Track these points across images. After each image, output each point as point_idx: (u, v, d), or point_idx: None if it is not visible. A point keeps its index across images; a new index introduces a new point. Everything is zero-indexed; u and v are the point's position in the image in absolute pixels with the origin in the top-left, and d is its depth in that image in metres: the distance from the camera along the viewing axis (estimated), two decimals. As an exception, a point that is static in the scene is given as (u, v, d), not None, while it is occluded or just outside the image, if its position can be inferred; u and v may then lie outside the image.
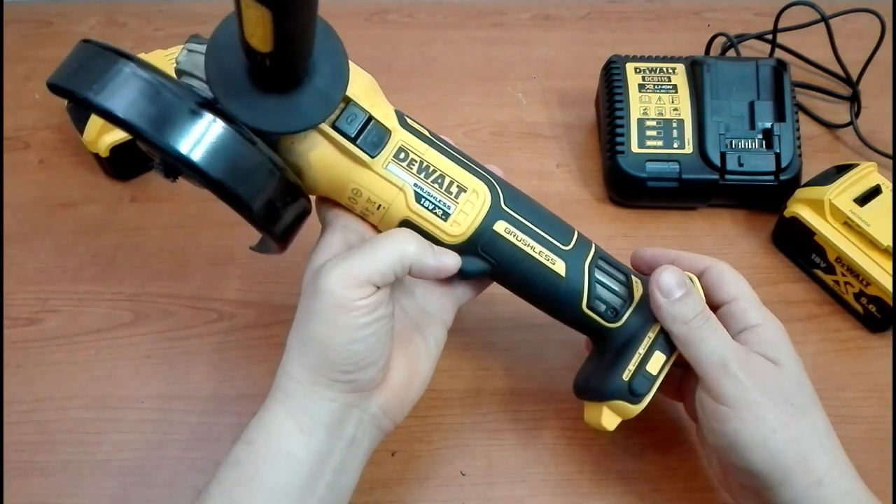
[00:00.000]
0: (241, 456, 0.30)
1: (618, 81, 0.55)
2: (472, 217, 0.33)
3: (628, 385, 0.34)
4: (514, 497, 0.40)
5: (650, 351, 0.35)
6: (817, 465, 0.31)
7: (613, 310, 0.36)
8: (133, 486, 0.40)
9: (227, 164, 0.28)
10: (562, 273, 0.35)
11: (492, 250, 0.34)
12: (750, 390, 0.31)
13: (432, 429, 0.42)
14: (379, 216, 0.33)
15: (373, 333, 0.30)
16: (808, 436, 0.32)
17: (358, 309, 0.29)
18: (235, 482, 0.30)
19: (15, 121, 0.60)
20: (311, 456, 0.30)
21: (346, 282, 0.29)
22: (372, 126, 0.32)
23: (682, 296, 0.33)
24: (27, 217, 0.53)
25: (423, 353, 0.34)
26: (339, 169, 0.32)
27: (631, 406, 0.34)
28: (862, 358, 0.47)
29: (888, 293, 0.45)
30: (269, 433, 0.30)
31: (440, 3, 0.75)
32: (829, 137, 0.62)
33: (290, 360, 0.31)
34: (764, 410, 0.31)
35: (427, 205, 0.33)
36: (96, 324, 0.47)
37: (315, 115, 0.30)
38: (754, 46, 0.70)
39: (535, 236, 0.35)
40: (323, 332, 0.29)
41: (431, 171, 0.33)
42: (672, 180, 0.52)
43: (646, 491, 0.40)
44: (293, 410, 0.30)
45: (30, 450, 0.41)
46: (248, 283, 0.49)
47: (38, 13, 0.71)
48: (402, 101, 0.36)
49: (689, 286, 0.34)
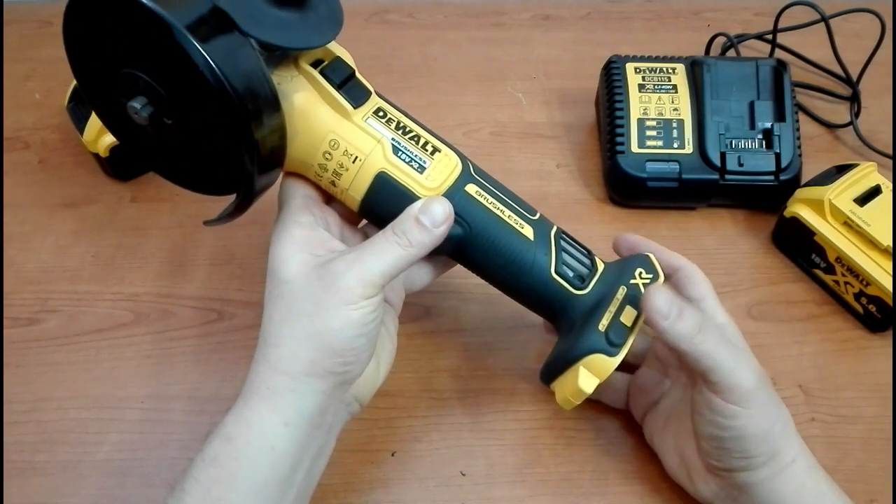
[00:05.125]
0: (219, 453, 0.30)
1: (618, 81, 0.55)
2: (445, 174, 0.34)
3: (605, 335, 0.34)
4: (514, 497, 0.40)
5: (622, 306, 0.35)
6: (793, 445, 0.35)
7: (580, 277, 0.36)
8: (133, 486, 0.40)
9: (243, 79, 0.28)
10: (530, 237, 0.36)
11: (465, 211, 0.35)
12: (759, 390, 0.33)
13: (432, 429, 0.42)
14: (353, 172, 0.33)
15: (374, 328, 0.32)
16: (786, 420, 0.35)
17: (367, 306, 0.31)
18: (215, 480, 0.30)
19: (15, 121, 0.60)
20: (293, 448, 0.31)
21: (363, 282, 0.31)
22: (355, 81, 0.33)
23: (678, 313, 0.33)
24: (27, 217, 0.53)
25: (385, 338, 0.36)
26: (319, 116, 0.33)
27: (609, 359, 0.34)
28: (862, 358, 0.47)
29: (888, 293, 0.45)
30: (252, 429, 0.30)
31: (440, 3, 0.75)
32: (829, 137, 0.62)
33: (281, 354, 0.31)
34: (770, 406, 0.34)
35: (404, 157, 0.34)
36: (96, 324, 0.47)
37: (321, 37, 0.31)
38: (754, 46, 0.70)
39: (503, 202, 0.36)
40: (334, 326, 0.30)
41: (408, 129, 0.34)
42: (672, 180, 0.52)
43: (646, 491, 0.40)
44: (278, 405, 0.31)
45: (30, 450, 0.41)
46: (248, 283, 0.49)
47: (38, 13, 0.71)
48: (402, 101, 0.36)
49: (681, 304, 0.33)
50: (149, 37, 0.27)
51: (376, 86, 0.35)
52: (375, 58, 0.68)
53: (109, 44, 0.29)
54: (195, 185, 0.34)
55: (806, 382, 0.45)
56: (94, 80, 0.32)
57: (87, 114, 0.52)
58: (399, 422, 0.42)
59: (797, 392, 0.45)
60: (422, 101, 0.63)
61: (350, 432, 0.37)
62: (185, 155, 0.32)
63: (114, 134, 0.34)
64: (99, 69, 0.31)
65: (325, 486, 0.37)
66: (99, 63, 0.30)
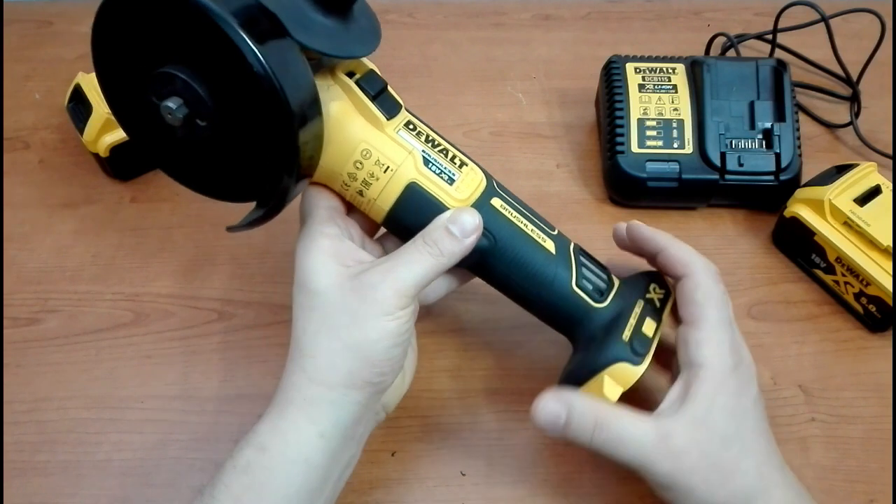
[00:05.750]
0: (252, 462, 0.30)
1: (618, 81, 0.55)
2: (473, 187, 0.35)
3: (629, 345, 0.34)
4: (514, 497, 0.40)
5: (641, 318, 0.36)
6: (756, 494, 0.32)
7: (599, 290, 0.36)
8: (133, 486, 0.40)
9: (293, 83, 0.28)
10: (552, 251, 0.36)
11: (491, 224, 0.35)
12: (671, 475, 0.31)
13: (432, 429, 0.42)
14: (383, 182, 0.34)
15: (408, 339, 0.32)
16: (739, 491, 0.32)
17: (402, 316, 0.31)
18: (247, 488, 0.30)
19: (15, 121, 0.60)
20: (326, 460, 0.31)
21: (398, 293, 0.31)
22: (387, 94, 0.34)
23: (565, 423, 0.32)
24: (27, 217, 0.53)
25: (409, 350, 0.36)
26: (354, 126, 0.33)
27: (633, 367, 0.34)
28: (862, 358, 0.47)
29: (888, 293, 0.45)
30: (287, 440, 0.30)
31: (440, 3, 0.75)
32: (829, 137, 0.62)
33: (318, 364, 0.31)
34: (690, 488, 0.31)
35: (434, 169, 0.34)
36: (96, 324, 0.47)
37: (364, 48, 0.32)
38: (754, 46, 0.70)
39: (526, 217, 0.37)
40: (371, 338, 0.31)
41: (437, 143, 0.35)
42: (672, 180, 0.52)
43: (646, 491, 0.40)
44: (315, 417, 0.31)
45: (30, 450, 0.41)
46: (248, 283, 0.49)
47: (38, 13, 0.71)
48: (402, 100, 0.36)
49: (563, 415, 0.33)
50: (199, 35, 0.27)
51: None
52: (375, 58, 0.67)
53: (148, 42, 0.29)
54: (212, 189, 0.34)
55: (806, 382, 0.45)
56: (120, 76, 0.31)
57: (87, 114, 0.52)
58: (399, 422, 0.42)
59: (797, 392, 0.45)
60: (422, 101, 0.63)
61: (350, 432, 0.37)
62: (210, 158, 0.32)
63: (129, 132, 0.34)
64: (130, 67, 0.30)
65: (325, 486, 0.37)
66: (131, 61, 0.30)
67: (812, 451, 0.42)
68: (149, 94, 0.29)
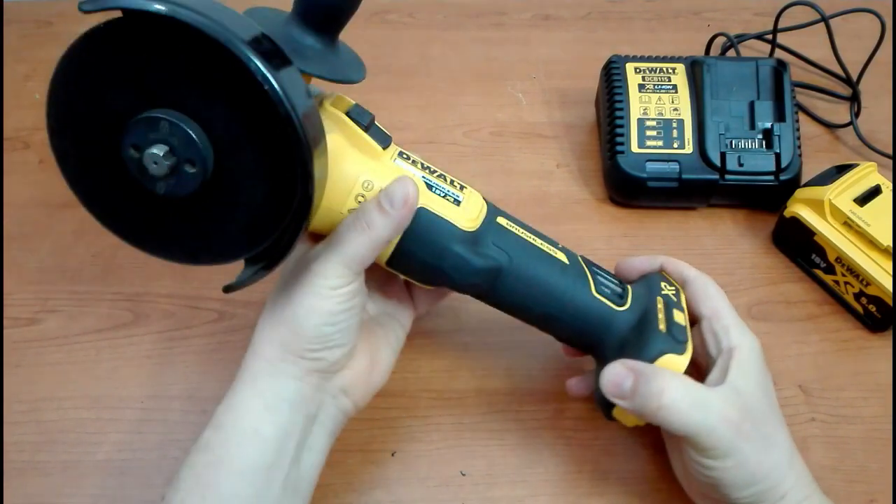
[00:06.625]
0: (210, 440, 0.32)
1: (618, 81, 0.55)
2: (478, 208, 0.35)
3: (670, 335, 0.34)
4: (514, 497, 0.40)
5: (668, 311, 0.36)
6: (785, 484, 0.33)
7: (618, 294, 0.36)
8: (133, 486, 0.40)
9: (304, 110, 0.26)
10: (565, 261, 0.36)
11: (503, 242, 0.35)
12: (739, 443, 0.32)
13: (432, 429, 0.42)
14: None
15: (344, 320, 0.32)
16: (779, 462, 0.33)
17: (333, 297, 0.31)
18: (206, 465, 0.31)
19: (15, 121, 0.60)
20: (276, 432, 0.31)
21: (324, 272, 0.31)
22: (376, 126, 0.34)
23: (631, 388, 0.33)
24: (27, 217, 0.53)
25: (383, 344, 0.37)
26: (350, 159, 0.32)
27: (680, 356, 0.34)
28: (862, 358, 0.47)
29: (888, 293, 0.45)
30: (237, 414, 0.32)
31: (440, 3, 0.75)
32: (829, 137, 0.62)
33: (261, 339, 0.33)
34: (745, 456, 0.32)
35: (439, 192, 0.34)
36: (96, 324, 0.47)
37: (356, 74, 0.32)
38: (754, 46, 0.70)
39: (532, 232, 0.37)
40: (298, 313, 0.32)
41: (433, 169, 0.35)
42: (672, 180, 0.52)
43: (646, 491, 0.40)
44: (259, 389, 0.32)
45: (30, 450, 0.41)
46: (248, 283, 0.49)
47: (38, 13, 0.71)
48: (402, 101, 0.36)
49: (636, 374, 0.33)
50: (202, 69, 0.25)
51: (376, 86, 0.35)
52: (375, 58, 0.67)
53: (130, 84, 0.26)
54: (197, 251, 0.30)
55: (806, 382, 0.45)
56: (86, 137, 0.28)
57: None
58: (399, 422, 0.42)
59: (797, 392, 0.45)
60: (421, 101, 0.63)
61: (350, 432, 0.37)
62: (196, 214, 0.29)
63: (92, 205, 0.30)
64: (99, 120, 0.27)
65: (325, 486, 0.37)
66: (102, 111, 0.27)
67: (812, 451, 0.42)
68: (125, 148, 0.26)
